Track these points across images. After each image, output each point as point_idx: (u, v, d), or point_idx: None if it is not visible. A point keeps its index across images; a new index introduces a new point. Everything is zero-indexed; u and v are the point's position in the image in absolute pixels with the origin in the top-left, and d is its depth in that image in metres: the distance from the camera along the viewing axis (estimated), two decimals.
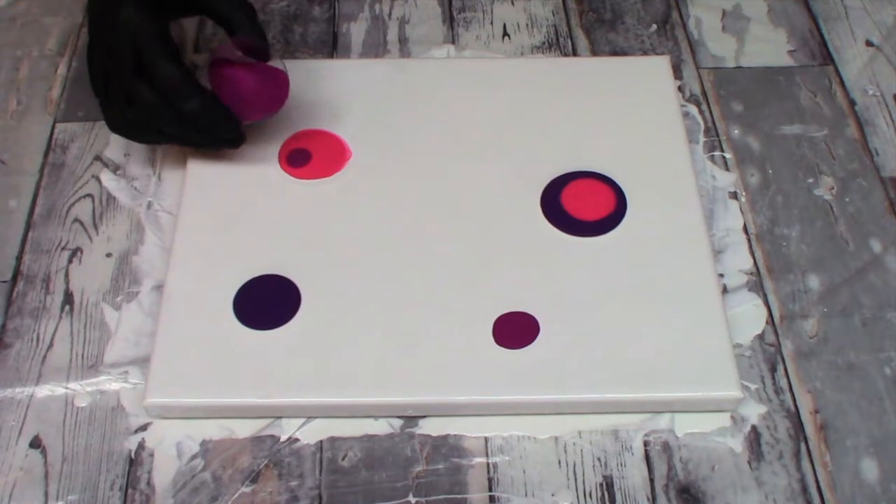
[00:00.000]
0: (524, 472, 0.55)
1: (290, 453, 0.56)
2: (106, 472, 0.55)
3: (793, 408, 0.58)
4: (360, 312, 0.59)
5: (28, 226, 0.65)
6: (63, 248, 0.64)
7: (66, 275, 0.63)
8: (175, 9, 0.64)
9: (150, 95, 0.59)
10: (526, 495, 0.54)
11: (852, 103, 0.73)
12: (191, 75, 0.60)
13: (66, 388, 0.58)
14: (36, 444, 0.56)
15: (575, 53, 0.77)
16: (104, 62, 0.61)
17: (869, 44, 0.78)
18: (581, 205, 0.64)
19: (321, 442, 0.56)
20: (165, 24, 0.61)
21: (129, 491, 0.54)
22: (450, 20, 0.79)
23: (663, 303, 0.60)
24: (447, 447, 0.56)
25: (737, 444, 0.56)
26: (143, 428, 0.57)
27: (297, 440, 0.56)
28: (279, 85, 0.64)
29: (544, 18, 0.79)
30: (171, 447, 0.56)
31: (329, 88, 0.71)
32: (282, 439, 0.56)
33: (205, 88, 0.60)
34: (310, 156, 0.67)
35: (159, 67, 0.59)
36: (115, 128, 0.63)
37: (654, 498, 0.54)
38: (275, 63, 0.64)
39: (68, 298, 0.62)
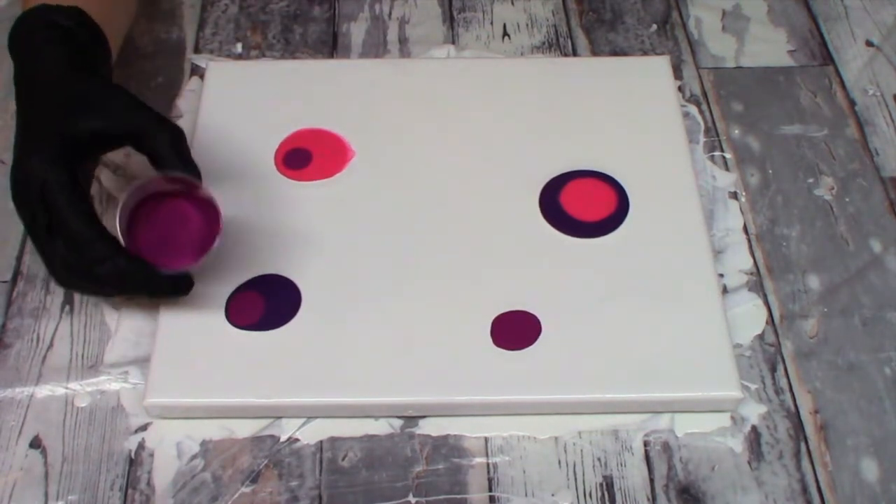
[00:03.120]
0: (524, 472, 0.55)
1: (290, 453, 0.56)
2: (106, 472, 0.55)
3: (793, 408, 0.58)
4: (361, 312, 0.59)
5: None
6: None
7: None
8: (92, 150, 0.57)
9: (68, 256, 0.53)
10: (526, 495, 0.54)
11: (852, 103, 0.73)
12: (104, 233, 0.54)
13: (66, 388, 0.58)
14: (36, 444, 0.56)
15: (575, 53, 0.77)
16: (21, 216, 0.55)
17: (869, 44, 0.78)
18: (580, 205, 0.64)
19: (321, 442, 0.56)
20: (75, 172, 0.54)
21: (129, 491, 0.54)
22: (450, 20, 0.79)
23: (663, 303, 0.59)
24: (447, 447, 0.56)
25: (737, 444, 0.56)
26: (143, 428, 0.57)
27: (297, 440, 0.56)
28: (215, 221, 0.57)
29: (544, 18, 0.79)
30: (171, 447, 0.56)
31: (329, 89, 0.71)
32: (282, 439, 0.56)
33: (120, 246, 0.54)
34: (310, 156, 0.67)
35: (69, 225, 0.53)
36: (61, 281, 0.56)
37: (654, 498, 0.54)
38: (205, 193, 0.57)
39: (68, 298, 0.62)
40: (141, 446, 0.56)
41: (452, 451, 0.56)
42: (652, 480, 0.55)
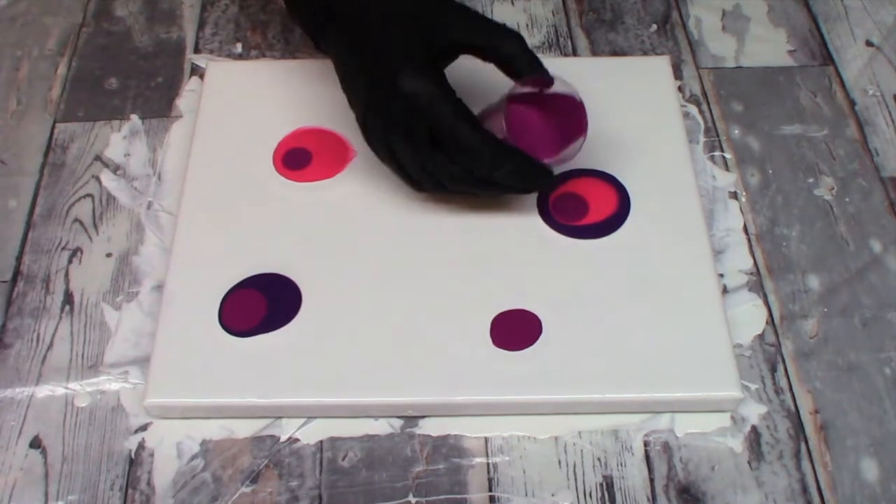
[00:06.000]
0: (524, 472, 0.55)
1: (290, 453, 0.56)
2: (106, 472, 0.55)
3: (793, 408, 0.58)
4: (361, 312, 0.59)
5: (28, 226, 0.66)
6: (63, 248, 0.64)
7: (66, 275, 0.63)
8: (445, 57, 0.60)
9: (452, 168, 0.57)
10: (526, 495, 0.54)
11: (852, 103, 0.73)
12: (495, 139, 0.57)
13: (66, 388, 0.58)
14: (36, 444, 0.56)
15: (575, 53, 0.77)
16: (389, 137, 0.58)
17: (869, 44, 0.78)
18: (580, 205, 0.64)
19: (321, 442, 0.56)
20: (445, 80, 0.58)
21: (129, 491, 0.54)
22: None
23: (663, 303, 0.59)
24: (447, 447, 0.56)
25: (737, 444, 0.56)
26: (143, 428, 0.57)
27: (297, 440, 0.56)
28: (577, 115, 0.60)
29: (544, 18, 0.79)
30: (171, 447, 0.56)
31: (329, 89, 0.71)
32: (282, 439, 0.56)
33: (513, 149, 0.57)
34: (310, 156, 0.67)
35: (462, 139, 0.56)
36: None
37: (654, 498, 0.54)
38: (562, 88, 0.60)
39: (68, 298, 0.62)
40: (141, 446, 0.56)
41: (452, 451, 0.56)
42: (652, 480, 0.55)
